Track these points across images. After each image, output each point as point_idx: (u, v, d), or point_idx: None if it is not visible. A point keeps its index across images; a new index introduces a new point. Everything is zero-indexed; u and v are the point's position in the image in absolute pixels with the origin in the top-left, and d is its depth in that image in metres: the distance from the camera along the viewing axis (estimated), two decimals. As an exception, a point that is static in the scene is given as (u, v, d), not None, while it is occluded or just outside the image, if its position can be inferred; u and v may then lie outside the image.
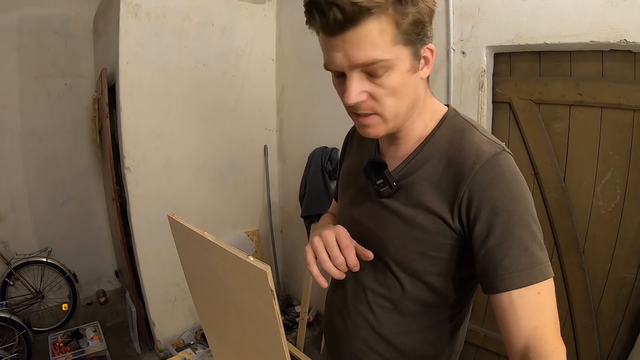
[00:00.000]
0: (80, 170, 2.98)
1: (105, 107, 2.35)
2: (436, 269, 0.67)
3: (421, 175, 0.66)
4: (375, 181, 0.69)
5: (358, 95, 0.58)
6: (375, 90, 0.58)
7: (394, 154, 0.72)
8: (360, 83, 0.58)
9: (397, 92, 0.59)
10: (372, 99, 0.59)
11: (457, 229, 0.62)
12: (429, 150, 0.67)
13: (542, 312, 0.56)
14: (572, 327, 1.62)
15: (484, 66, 1.65)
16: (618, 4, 1.28)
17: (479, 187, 0.59)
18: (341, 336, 0.81)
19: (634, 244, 1.45)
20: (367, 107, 0.60)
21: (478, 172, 0.59)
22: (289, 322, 2.67)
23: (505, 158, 0.61)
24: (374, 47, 0.54)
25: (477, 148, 0.62)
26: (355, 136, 0.87)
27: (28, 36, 2.61)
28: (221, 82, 2.51)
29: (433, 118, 0.69)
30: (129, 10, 2.07)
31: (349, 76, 0.57)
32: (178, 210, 1.79)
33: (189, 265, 0.74)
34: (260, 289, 0.47)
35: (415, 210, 0.65)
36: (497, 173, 0.59)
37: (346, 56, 0.56)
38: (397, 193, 0.68)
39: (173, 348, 2.37)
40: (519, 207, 0.58)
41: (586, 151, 1.51)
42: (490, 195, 0.58)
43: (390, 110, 0.61)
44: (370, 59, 0.55)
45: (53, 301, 2.76)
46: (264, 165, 2.83)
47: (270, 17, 2.70)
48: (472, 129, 0.66)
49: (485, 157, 0.60)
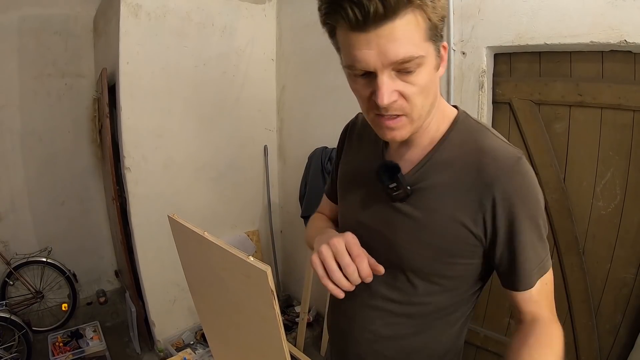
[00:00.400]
0: (80, 170, 2.98)
1: (105, 107, 2.35)
2: (451, 273, 0.67)
3: (437, 180, 0.65)
4: (388, 185, 0.66)
5: (391, 95, 0.54)
6: (407, 89, 0.55)
7: (406, 155, 0.69)
8: (392, 82, 0.54)
9: (425, 90, 0.57)
10: (403, 99, 0.56)
11: (478, 235, 0.63)
12: (444, 154, 0.65)
13: (547, 299, 0.65)
14: (572, 327, 1.62)
15: (484, 66, 1.65)
16: (618, 4, 1.28)
17: (503, 195, 0.60)
18: (347, 338, 0.80)
19: (634, 244, 1.45)
20: (397, 108, 0.57)
21: (502, 180, 0.60)
22: (289, 322, 2.67)
23: (525, 163, 0.62)
24: (411, 42, 0.51)
25: (498, 153, 0.61)
26: (355, 133, 0.83)
27: (28, 36, 2.61)
28: (221, 82, 2.51)
29: (444, 120, 0.68)
30: (129, 10, 2.07)
31: (381, 75, 0.53)
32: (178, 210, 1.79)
33: (189, 265, 0.74)
34: (261, 289, 0.47)
35: (433, 215, 0.64)
36: (520, 181, 0.60)
37: (381, 53, 0.51)
38: (411, 197, 0.66)
39: (173, 348, 2.37)
40: (535, 212, 0.61)
41: (586, 152, 1.51)
42: (513, 203, 0.60)
43: (418, 109, 0.58)
44: (408, 55, 0.52)
45: (53, 301, 2.76)
46: (264, 165, 2.83)
47: (270, 17, 2.70)
48: (487, 131, 0.66)
49: (509, 163, 0.60)
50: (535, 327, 0.62)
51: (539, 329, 0.62)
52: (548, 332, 0.62)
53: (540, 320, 0.63)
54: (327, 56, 2.34)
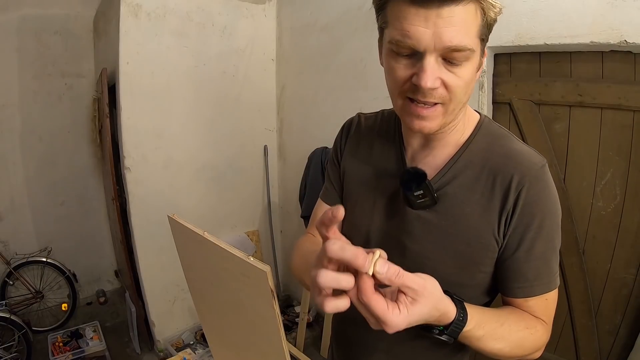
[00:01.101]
0: (80, 170, 2.98)
1: (105, 107, 2.35)
2: (472, 282, 0.65)
3: (462, 185, 0.63)
4: (414, 192, 0.62)
5: (435, 80, 0.52)
6: (451, 80, 0.53)
7: (429, 159, 0.66)
8: (437, 67, 0.52)
9: (467, 86, 0.55)
10: (444, 88, 0.54)
11: (499, 241, 0.62)
12: (468, 158, 0.64)
13: (545, 313, 0.63)
14: (572, 327, 1.62)
15: (484, 67, 1.64)
16: (618, 5, 1.28)
17: (525, 200, 0.59)
18: (357, 347, 0.78)
19: (634, 244, 1.45)
20: (437, 96, 0.54)
21: (526, 185, 0.59)
22: (289, 322, 2.67)
23: (548, 171, 0.61)
24: (467, 32, 0.50)
25: (523, 158, 0.61)
26: (361, 133, 0.78)
27: (28, 36, 2.61)
28: (221, 82, 2.51)
29: (469, 124, 0.67)
30: (129, 10, 2.07)
31: (429, 57, 0.51)
32: (178, 210, 1.79)
33: (189, 266, 0.74)
34: (260, 289, 0.47)
35: (459, 222, 0.62)
36: (542, 188, 0.60)
37: (436, 34, 0.49)
38: None
39: (173, 348, 2.37)
40: (551, 224, 0.61)
41: (586, 152, 1.51)
42: (533, 211, 0.59)
43: (455, 103, 0.56)
44: (462, 44, 0.50)
45: (53, 301, 2.76)
46: (264, 166, 2.83)
47: (270, 17, 2.70)
48: (511, 137, 0.65)
49: (534, 169, 0.60)
50: (524, 313, 0.63)
51: (528, 315, 0.63)
52: (535, 322, 0.62)
53: (532, 315, 0.63)
54: (327, 56, 2.34)
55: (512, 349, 0.58)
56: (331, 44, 2.30)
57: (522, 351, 0.60)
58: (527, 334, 0.59)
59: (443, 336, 0.53)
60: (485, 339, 0.56)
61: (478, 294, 0.67)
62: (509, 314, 0.61)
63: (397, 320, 0.44)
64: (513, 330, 0.58)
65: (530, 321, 0.62)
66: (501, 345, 0.57)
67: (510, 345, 0.58)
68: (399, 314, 0.45)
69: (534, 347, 0.61)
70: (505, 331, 0.58)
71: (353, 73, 2.20)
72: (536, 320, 0.62)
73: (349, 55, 2.21)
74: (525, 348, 0.60)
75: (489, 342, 0.56)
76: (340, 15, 2.23)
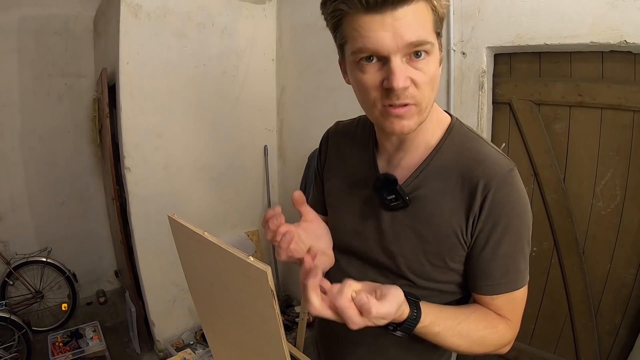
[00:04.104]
0: (80, 170, 2.98)
1: (105, 107, 2.35)
2: (447, 278, 0.68)
3: (433, 187, 0.65)
4: (386, 197, 0.66)
5: (405, 79, 0.54)
6: (418, 77, 0.55)
7: (401, 162, 0.69)
8: (404, 67, 0.54)
9: (433, 81, 0.58)
10: (413, 86, 0.56)
11: (467, 241, 0.64)
12: (440, 161, 0.66)
13: (511, 312, 0.66)
14: (572, 327, 1.62)
15: (484, 67, 1.65)
16: (618, 5, 1.28)
17: (491, 203, 0.61)
18: (342, 342, 0.79)
19: (634, 244, 1.45)
20: (409, 95, 0.56)
21: (493, 189, 0.61)
22: (288, 322, 2.67)
23: (517, 175, 0.63)
24: (424, 27, 0.54)
25: (491, 162, 0.63)
26: (339, 141, 0.82)
27: (28, 36, 2.61)
28: (221, 82, 2.51)
29: (439, 126, 0.68)
30: (129, 10, 2.07)
31: (394, 59, 0.53)
32: (178, 210, 1.79)
33: (189, 266, 0.74)
34: (261, 289, 0.47)
35: (430, 223, 0.65)
36: (509, 192, 0.62)
37: (396, 35, 0.52)
38: (408, 205, 0.66)
39: (173, 348, 2.37)
40: (518, 226, 0.63)
41: (586, 152, 1.51)
42: (499, 213, 0.61)
43: (426, 99, 0.58)
44: (422, 38, 0.53)
45: (53, 301, 2.76)
46: (264, 166, 2.83)
47: (270, 18, 2.70)
48: (481, 140, 0.67)
49: (500, 173, 0.62)
50: (488, 312, 0.66)
51: (491, 314, 0.66)
52: (498, 321, 0.65)
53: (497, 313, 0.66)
54: (327, 56, 2.34)
55: (471, 345, 0.62)
56: (331, 44, 2.28)
57: (483, 348, 0.64)
58: (487, 332, 0.63)
59: (397, 332, 0.57)
60: (443, 335, 0.60)
61: (453, 289, 0.70)
62: (471, 312, 0.64)
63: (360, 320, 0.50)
64: (472, 330, 0.62)
65: (492, 321, 0.64)
66: (459, 342, 0.61)
67: (468, 342, 0.62)
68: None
69: (496, 345, 0.65)
70: (464, 329, 0.61)
71: (353, 73, 2.20)
72: (499, 319, 0.65)
73: (349, 55, 2.21)
74: (487, 345, 0.64)
75: (447, 339, 0.60)
76: (340, 16, 2.22)
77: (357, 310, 0.50)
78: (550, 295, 1.65)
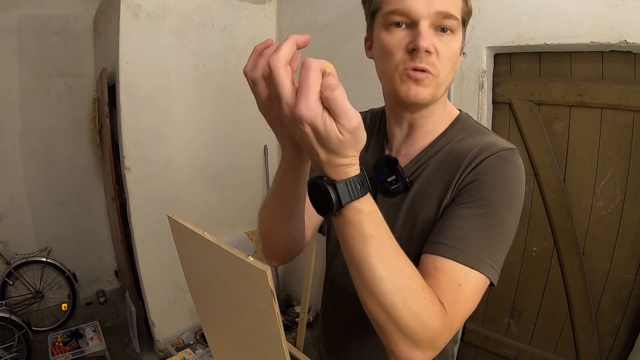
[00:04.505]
0: (80, 170, 2.98)
1: (105, 107, 2.35)
2: None
3: (431, 169, 0.66)
4: (387, 178, 0.66)
5: (430, 44, 0.57)
6: (441, 48, 0.58)
7: (406, 150, 0.70)
8: (432, 33, 0.58)
9: (453, 59, 0.60)
10: (436, 55, 0.58)
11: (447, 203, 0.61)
12: (441, 147, 0.67)
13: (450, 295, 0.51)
14: (572, 327, 1.62)
15: (484, 67, 1.65)
16: (618, 5, 1.28)
17: (479, 168, 0.58)
18: (347, 342, 0.79)
19: (634, 244, 1.45)
20: (430, 62, 0.58)
21: (487, 159, 0.59)
22: (288, 322, 2.67)
23: (516, 155, 0.60)
24: (454, 4, 0.58)
25: (492, 144, 0.60)
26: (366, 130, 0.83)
27: (28, 36, 2.61)
28: (221, 82, 2.51)
29: (447, 118, 0.69)
30: (129, 10, 2.07)
31: (422, 24, 0.57)
32: (178, 210, 1.79)
33: (189, 265, 0.74)
34: (260, 289, 0.47)
35: (423, 201, 0.64)
36: (502, 164, 0.58)
37: (429, 2, 0.56)
38: (409, 191, 0.66)
39: (173, 348, 2.37)
40: (500, 201, 0.57)
41: (586, 152, 1.51)
42: (482, 173, 0.58)
43: (443, 74, 0.60)
44: (451, 11, 0.57)
45: (53, 301, 2.76)
46: (263, 165, 2.83)
47: (270, 18, 2.70)
48: (485, 131, 0.67)
49: (499, 147, 0.60)
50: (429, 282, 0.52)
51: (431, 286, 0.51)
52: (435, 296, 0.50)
53: None
54: (327, 56, 2.33)
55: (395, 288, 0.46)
56: (331, 44, 2.30)
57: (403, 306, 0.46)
58: (421, 292, 0.47)
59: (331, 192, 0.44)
60: (372, 244, 0.46)
61: None
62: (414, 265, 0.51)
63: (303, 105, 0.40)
64: (407, 271, 0.48)
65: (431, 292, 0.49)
66: (384, 271, 0.46)
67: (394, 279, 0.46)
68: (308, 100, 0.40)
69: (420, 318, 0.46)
70: (400, 261, 0.48)
71: (353, 73, 2.19)
72: (437, 298, 0.50)
73: (349, 55, 2.20)
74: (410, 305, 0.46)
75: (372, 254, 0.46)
76: (340, 15, 2.23)
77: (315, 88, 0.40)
78: (550, 295, 1.65)
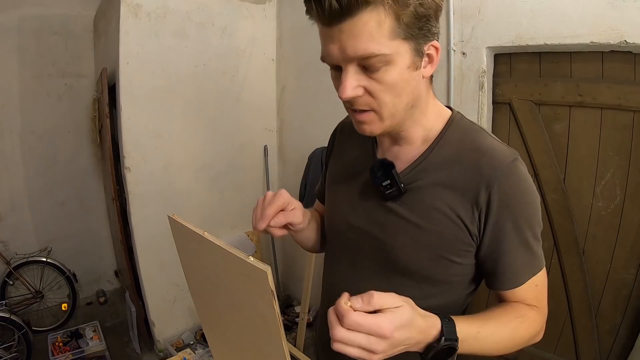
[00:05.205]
0: (80, 170, 2.98)
1: (105, 107, 2.35)
2: (448, 274, 0.66)
3: (434, 179, 0.64)
4: (382, 183, 0.65)
5: (353, 90, 0.56)
6: (372, 86, 0.56)
7: (398, 154, 0.69)
8: (356, 77, 0.55)
9: (395, 88, 0.56)
10: (369, 95, 0.57)
11: (474, 234, 0.63)
12: (441, 153, 0.65)
13: (536, 299, 0.66)
14: (572, 327, 1.62)
15: (484, 67, 1.65)
16: (618, 5, 1.28)
17: (498, 194, 0.60)
18: None
19: (634, 244, 1.45)
20: (363, 103, 0.58)
21: (499, 179, 0.60)
22: (288, 322, 2.67)
23: (521, 163, 0.63)
24: (371, 39, 0.52)
25: (495, 153, 0.62)
26: (344, 134, 0.83)
27: (28, 36, 2.61)
28: (221, 82, 2.51)
29: (438, 120, 0.68)
30: (130, 10, 2.07)
31: (345, 69, 0.55)
32: (178, 210, 1.79)
33: (189, 266, 0.74)
34: (260, 289, 0.47)
35: (430, 214, 0.63)
36: (515, 182, 0.61)
37: (342, 48, 0.53)
38: (405, 197, 0.65)
39: (173, 348, 2.37)
40: (528, 213, 0.62)
41: (586, 152, 1.51)
42: (508, 204, 0.60)
43: (387, 107, 0.58)
44: (367, 52, 0.52)
45: (53, 301, 2.76)
46: (264, 166, 2.83)
47: (270, 18, 2.70)
48: (483, 132, 0.67)
49: (505, 163, 0.61)
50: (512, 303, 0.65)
51: (517, 305, 0.64)
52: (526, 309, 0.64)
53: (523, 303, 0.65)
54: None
55: (508, 341, 0.60)
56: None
57: (518, 340, 0.61)
58: (518, 323, 0.61)
59: (444, 343, 0.51)
60: (482, 337, 0.56)
61: (459, 286, 0.69)
62: (493, 310, 0.63)
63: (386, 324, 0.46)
64: (503, 323, 0.60)
65: (520, 310, 0.63)
66: (495, 342, 0.58)
67: (504, 339, 0.59)
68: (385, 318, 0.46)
69: (530, 334, 0.63)
70: (496, 328, 0.59)
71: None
72: (527, 307, 0.64)
73: (349, 55, 2.21)
74: (521, 337, 0.62)
75: (488, 339, 0.57)
76: (340, 16, 2.22)
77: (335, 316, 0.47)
78: (550, 295, 1.63)
